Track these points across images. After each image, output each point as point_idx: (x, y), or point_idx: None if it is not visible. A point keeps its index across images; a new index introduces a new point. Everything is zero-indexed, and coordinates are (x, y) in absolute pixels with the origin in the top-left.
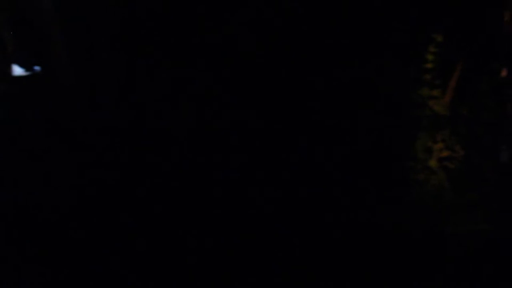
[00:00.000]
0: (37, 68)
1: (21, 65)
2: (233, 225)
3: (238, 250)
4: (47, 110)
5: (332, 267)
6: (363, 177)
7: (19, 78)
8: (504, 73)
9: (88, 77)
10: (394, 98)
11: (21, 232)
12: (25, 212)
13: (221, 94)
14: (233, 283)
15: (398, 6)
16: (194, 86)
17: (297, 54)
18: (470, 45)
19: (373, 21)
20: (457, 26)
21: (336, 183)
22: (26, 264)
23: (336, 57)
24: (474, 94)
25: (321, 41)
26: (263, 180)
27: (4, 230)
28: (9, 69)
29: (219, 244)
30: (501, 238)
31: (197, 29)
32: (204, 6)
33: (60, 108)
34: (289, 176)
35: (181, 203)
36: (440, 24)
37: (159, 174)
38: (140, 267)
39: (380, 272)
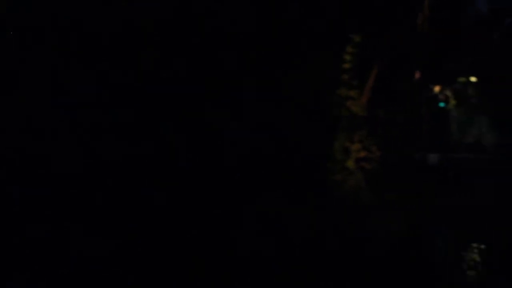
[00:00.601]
0: None
1: None
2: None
3: None
4: None
5: (248, 270)
6: (280, 179)
7: None
8: (417, 75)
9: None
10: (313, 98)
11: None
12: None
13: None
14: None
15: (317, 7)
16: None
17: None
18: (386, 46)
19: (291, 24)
20: (374, 28)
21: (251, 185)
22: None
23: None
24: (390, 96)
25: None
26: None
27: None
28: None
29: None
30: (416, 238)
31: None
32: None
33: None
34: (198, 179)
35: None
36: (358, 25)
37: None
38: None
39: (296, 272)
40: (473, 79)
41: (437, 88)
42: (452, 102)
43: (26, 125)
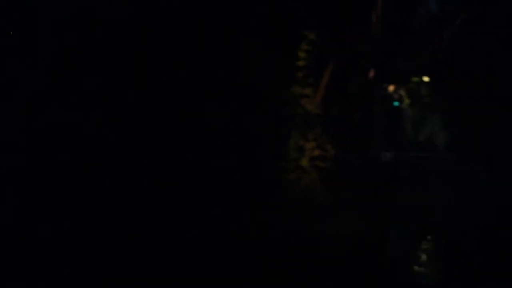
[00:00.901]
0: None
1: None
2: None
3: None
4: None
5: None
6: (234, 179)
7: None
8: (372, 73)
9: None
10: (267, 96)
11: None
12: None
13: None
14: None
15: (272, 2)
16: None
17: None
18: (341, 44)
19: (243, 20)
20: (329, 25)
21: (202, 185)
22: None
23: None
24: (345, 94)
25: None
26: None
27: None
28: None
29: None
30: (373, 238)
31: None
32: None
33: None
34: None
35: None
36: (313, 22)
37: None
38: None
39: (254, 274)
40: (426, 78)
41: (391, 88)
42: (406, 101)
43: None
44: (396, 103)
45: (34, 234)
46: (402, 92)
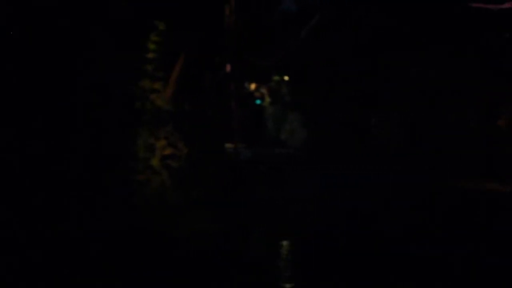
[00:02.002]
0: None
1: None
2: None
3: None
4: None
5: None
6: (75, 181)
7: None
8: (228, 68)
9: None
10: (111, 90)
11: None
12: None
13: None
14: None
15: None
16: None
17: None
18: (193, 36)
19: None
20: (181, 15)
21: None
22: None
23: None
24: (198, 89)
25: None
26: None
27: None
28: None
29: None
30: (225, 235)
31: None
32: None
33: None
34: None
35: None
36: (163, 11)
37: None
38: None
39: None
40: (286, 78)
41: (253, 86)
42: (267, 99)
43: None
44: (258, 101)
45: None
46: (263, 90)
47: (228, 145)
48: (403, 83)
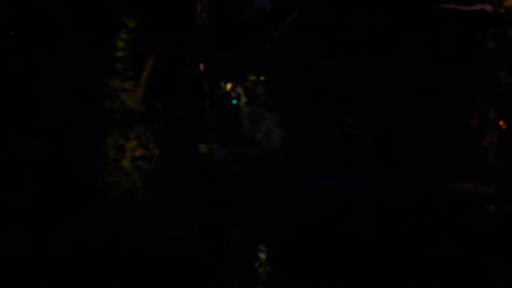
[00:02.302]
0: None
1: None
2: None
3: None
4: None
5: None
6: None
7: None
8: (201, 67)
9: None
10: (79, 89)
11: None
12: None
13: None
14: None
15: None
16: None
17: None
18: (162, 34)
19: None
20: (151, 13)
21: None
22: None
23: None
24: (170, 89)
25: None
26: None
27: None
28: None
29: None
30: (198, 237)
31: None
32: None
33: None
34: None
35: None
36: (133, 8)
37: None
38: None
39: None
40: (262, 78)
41: (229, 86)
42: (243, 99)
43: None
44: (234, 101)
45: None
46: (239, 90)
47: (202, 146)
48: (377, 82)
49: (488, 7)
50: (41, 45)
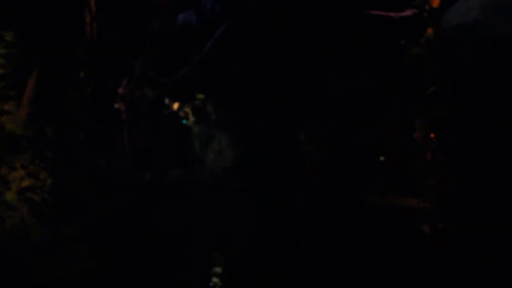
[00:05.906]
0: None
1: None
2: None
3: None
4: None
5: None
6: None
7: None
8: (121, 89)
9: None
10: None
11: None
12: None
13: None
14: None
15: None
16: None
17: None
18: (49, 48)
19: None
20: (31, 25)
21: None
22: None
23: None
24: (62, 110)
25: None
26: None
27: None
28: None
29: None
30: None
31: None
32: None
33: None
34: None
35: None
36: (13, 20)
37: None
38: None
39: None
40: (200, 95)
41: (176, 105)
42: (191, 118)
43: None
44: (184, 121)
45: None
46: (187, 109)
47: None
48: (323, 98)
49: (413, 12)
50: None
